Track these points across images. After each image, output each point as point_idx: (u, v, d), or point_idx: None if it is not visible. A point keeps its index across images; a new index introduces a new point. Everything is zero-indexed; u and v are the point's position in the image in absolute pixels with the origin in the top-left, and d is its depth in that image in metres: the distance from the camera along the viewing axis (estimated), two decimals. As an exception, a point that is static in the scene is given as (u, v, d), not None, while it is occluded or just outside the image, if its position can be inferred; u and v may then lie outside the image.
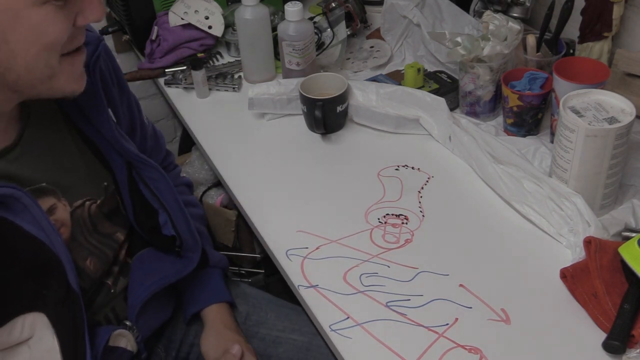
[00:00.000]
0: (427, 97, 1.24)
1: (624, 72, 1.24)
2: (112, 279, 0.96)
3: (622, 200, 1.06)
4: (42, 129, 0.86)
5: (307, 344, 1.08)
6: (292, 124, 1.33)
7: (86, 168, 0.92)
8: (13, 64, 0.72)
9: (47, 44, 0.72)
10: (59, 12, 0.71)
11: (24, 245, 0.76)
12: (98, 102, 0.90)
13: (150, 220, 0.99)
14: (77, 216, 0.89)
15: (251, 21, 1.37)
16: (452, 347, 0.87)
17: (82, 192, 0.90)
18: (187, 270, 1.03)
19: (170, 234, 1.00)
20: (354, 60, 1.51)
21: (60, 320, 0.79)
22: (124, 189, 0.96)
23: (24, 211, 0.76)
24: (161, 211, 0.99)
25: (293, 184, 1.18)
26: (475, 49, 1.20)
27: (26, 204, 0.76)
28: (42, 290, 0.77)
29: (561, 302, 0.92)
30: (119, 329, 0.92)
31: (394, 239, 1.05)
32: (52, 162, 0.86)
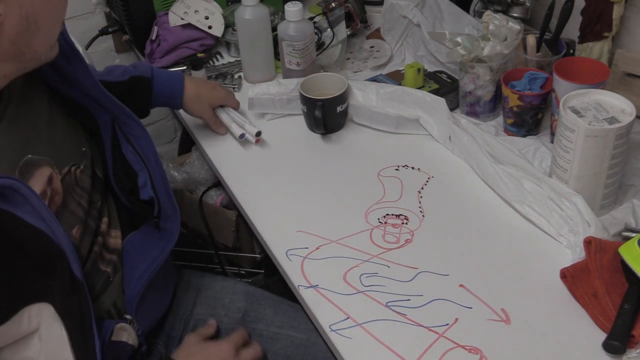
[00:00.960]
0: (427, 97, 1.24)
1: (624, 72, 1.24)
2: (111, 267, 0.96)
3: (622, 200, 1.06)
4: (20, 100, 0.86)
5: (305, 341, 1.08)
6: (292, 124, 1.33)
7: (65, 134, 0.92)
8: (38, 45, 0.76)
9: (60, 17, 0.77)
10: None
11: (27, 237, 0.76)
12: (75, 57, 0.92)
13: (129, 183, 0.99)
14: (66, 183, 0.89)
15: (251, 21, 1.37)
16: (452, 347, 0.87)
17: (66, 159, 0.90)
18: (168, 245, 1.01)
19: (148, 196, 0.99)
20: (354, 60, 1.51)
21: (67, 310, 0.79)
22: (107, 149, 0.96)
23: (24, 203, 0.76)
24: (141, 173, 0.99)
25: (293, 184, 1.18)
26: (475, 49, 1.20)
27: (25, 195, 0.76)
28: (47, 281, 0.77)
29: (561, 302, 0.92)
30: (120, 322, 0.93)
31: (394, 239, 1.05)
32: (33, 133, 0.86)
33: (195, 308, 1.13)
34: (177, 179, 1.53)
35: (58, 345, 0.78)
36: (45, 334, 0.77)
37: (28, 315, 0.75)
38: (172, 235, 1.02)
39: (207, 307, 1.13)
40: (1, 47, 0.75)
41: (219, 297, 1.15)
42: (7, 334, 0.74)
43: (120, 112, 0.95)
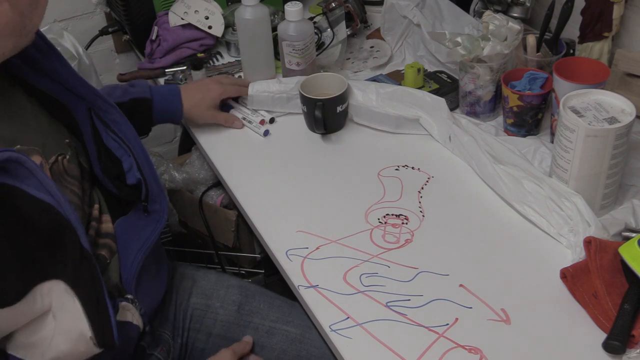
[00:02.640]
0: (427, 97, 1.24)
1: (624, 72, 1.24)
2: (107, 250, 0.96)
3: (622, 200, 1.06)
4: (1, 93, 0.86)
5: (300, 336, 1.09)
6: (292, 123, 1.33)
7: (48, 125, 0.92)
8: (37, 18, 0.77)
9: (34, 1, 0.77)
10: None
11: (35, 211, 0.75)
12: (49, 49, 0.91)
13: (115, 169, 0.99)
14: (55, 172, 0.89)
15: (251, 21, 1.37)
16: (452, 347, 0.87)
17: (53, 149, 0.90)
18: (158, 226, 1.01)
19: (136, 178, 0.98)
20: (354, 60, 1.51)
21: (80, 282, 0.79)
22: (88, 139, 0.96)
23: (29, 177, 0.75)
24: (125, 157, 0.98)
25: (293, 184, 1.18)
26: (475, 49, 1.20)
27: (30, 168, 0.75)
28: (57, 257, 0.77)
29: (561, 302, 0.92)
30: (123, 301, 0.93)
31: (394, 239, 1.05)
32: (20, 124, 0.86)
33: (191, 297, 1.14)
34: (177, 179, 1.53)
35: (73, 318, 0.78)
36: (58, 311, 0.77)
37: (40, 293, 0.75)
38: (161, 215, 1.02)
39: (203, 297, 1.14)
40: (11, 19, 0.76)
41: (214, 288, 1.16)
42: (21, 315, 0.74)
43: (98, 99, 0.95)
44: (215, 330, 1.12)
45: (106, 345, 0.81)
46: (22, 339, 0.77)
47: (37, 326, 0.77)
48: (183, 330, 1.11)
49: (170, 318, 1.10)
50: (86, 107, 0.95)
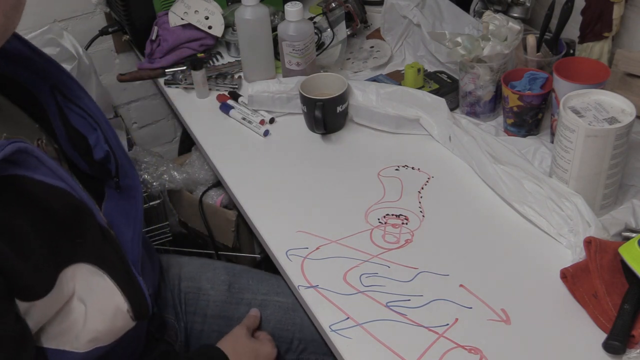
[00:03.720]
0: (427, 97, 1.24)
1: (624, 72, 1.23)
2: None
3: (622, 200, 1.05)
4: None
5: (292, 304, 1.12)
6: (292, 123, 1.33)
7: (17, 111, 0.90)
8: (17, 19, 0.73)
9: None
10: None
11: (52, 198, 0.75)
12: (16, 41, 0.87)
13: (82, 146, 0.96)
14: None
15: (251, 21, 1.37)
16: (452, 347, 0.87)
17: (30, 134, 0.88)
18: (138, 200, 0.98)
19: (104, 151, 0.96)
20: (354, 60, 1.51)
21: (106, 260, 0.79)
22: (54, 119, 0.93)
23: (39, 165, 0.75)
24: (90, 132, 0.96)
25: (293, 184, 1.18)
26: (476, 49, 1.20)
27: (39, 157, 0.75)
28: (76, 240, 0.77)
29: (561, 302, 0.92)
30: None
31: (394, 239, 1.05)
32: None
33: (181, 282, 1.16)
34: (177, 179, 1.53)
35: (106, 295, 0.79)
36: (86, 292, 0.77)
37: (65, 280, 0.75)
38: (136, 190, 0.99)
39: (192, 280, 1.17)
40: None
41: (201, 271, 1.18)
42: (52, 305, 0.75)
43: (61, 74, 0.92)
44: (209, 311, 1.15)
45: (143, 316, 0.83)
46: (51, 329, 0.77)
47: (64, 312, 0.77)
48: (182, 314, 1.13)
49: (170, 303, 1.13)
50: (49, 86, 0.91)
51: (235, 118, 1.35)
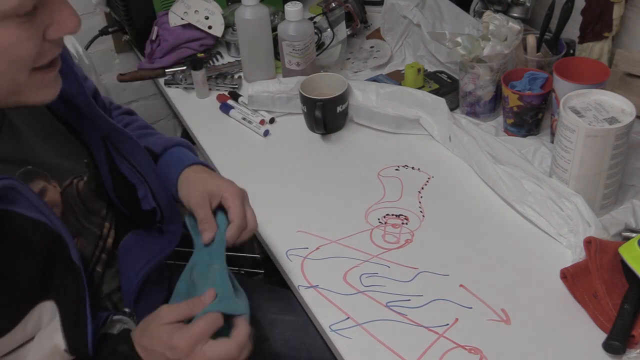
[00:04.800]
0: (427, 97, 1.24)
1: (624, 72, 1.23)
2: (101, 265, 0.96)
3: (622, 200, 1.05)
4: (21, 110, 0.84)
5: (302, 323, 1.09)
6: (292, 123, 1.33)
7: (68, 146, 0.91)
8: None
9: (11, 62, 0.67)
10: (23, 27, 0.66)
11: (29, 230, 0.75)
12: (71, 75, 0.87)
13: (130, 195, 0.98)
14: (67, 196, 0.89)
15: (251, 21, 1.37)
16: (452, 347, 0.87)
17: (68, 171, 0.89)
18: (171, 246, 1.01)
19: (150, 206, 0.97)
20: (354, 60, 1.51)
21: (63, 296, 0.78)
22: (102, 166, 0.95)
23: (21, 199, 0.75)
24: (140, 185, 0.97)
25: (293, 184, 1.18)
26: (476, 49, 1.20)
27: (21, 191, 0.75)
28: (48, 276, 0.77)
29: (561, 302, 0.92)
30: (118, 314, 0.92)
31: (394, 239, 1.05)
32: (35, 143, 0.85)
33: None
34: (177, 179, 1.53)
35: (49, 333, 0.77)
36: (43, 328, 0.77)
37: (32, 319, 0.75)
38: (175, 235, 1.02)
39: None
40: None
41: None
42: (10, 343, 0.73)
43: (113, 130, 0.93)
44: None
45: (80, 357, 0.80)
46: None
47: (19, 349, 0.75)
48: None
49: None
50: (101, 136, 0.93)
51: (235, 118, 1.35)
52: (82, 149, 0.94)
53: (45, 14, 0.68)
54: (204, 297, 0.84)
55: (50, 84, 0.75)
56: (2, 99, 0.72)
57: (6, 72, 0.68)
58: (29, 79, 0.71)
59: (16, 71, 0.69)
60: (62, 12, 0.69)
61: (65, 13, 0.69)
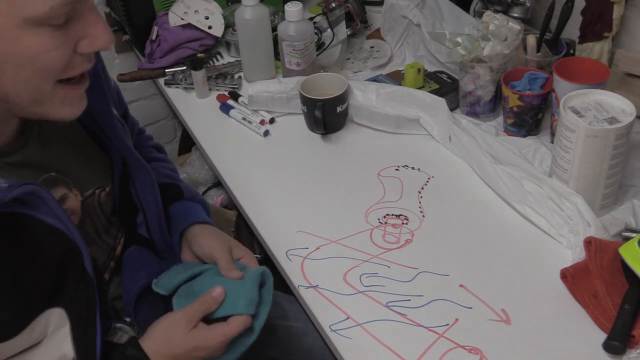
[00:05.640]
0: (427, 97, 1.24)
1: (624, 72, 1.23)
2: (109, 272, 0.96)
3: (622, 200, 1.05)
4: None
5: (302, 329, 1.09)
6: (292, 123, 1.33)
7: (94, 157, 0.92)
8: (9, 88, 0.68)
9: (38, 69, 0.67)
10: (56, 36, 0.66)
11: (45, 236, 0.75)
12: (100, 93, 0.88)
13: (130, 217, 0.99)
14: (87, 205, 0.89)
15: (251, 21, 1.37)
16: (452, 347, 0.87)
17: (92, 181, 0.90)
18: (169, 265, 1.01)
19: (143, 234, 0.99)
20: (354, 61, 1.51)
21: (74, 305, 0.78)
22: (116, 181, 0.96)
23: (42, 205, 0.75)
24: (140, 212, 0.99)
25: (293, 184, 1.18)
26: (476, 49, 1.20)
27: (42, 197, 0.75)
28: (60, 283, 0.77)
29: (561, 302, 0.92)
30: (120, 322, 0.92)
31: (394, 239, 1.05)
32: (61, 151, 0.86)
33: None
34: (177, 179, 1.53)
35: (58, 342, 0.77)
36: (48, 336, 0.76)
37: (39, 325, 0.74)
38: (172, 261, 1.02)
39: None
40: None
41: None
42: (14, 347, 0.73)
43: (129, 154, 0.94)
44: None
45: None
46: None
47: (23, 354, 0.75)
48: None
49: None
50: (120, 158, 0.94)
51: (235, 118, 1.35)
52: (107, 161, 0.94)
53: (78, 27, 0.68)
54: (215, 294, 0.88)
55: (74, 101, 0.74)
56: (25, 107, 0.72)
57: (32, 79, 0.68)
58: (53, 89, 0.71)
59: (41, 79, 0.69)
60: (95, 26, 0.69)
61: (99, 28, 0.69)
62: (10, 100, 0.70)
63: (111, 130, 0.91)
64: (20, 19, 0.64)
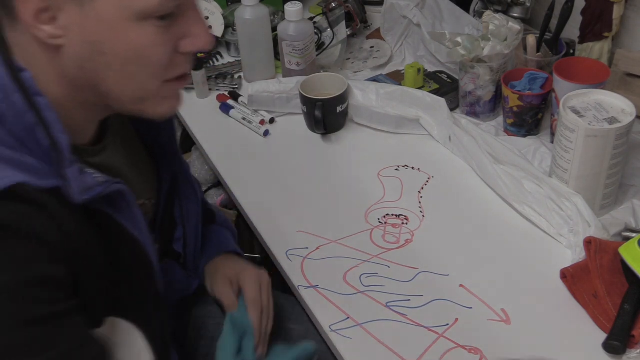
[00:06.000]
0: (427, 97, 1.24)
1: (624, 72, 1.23)
2: None
3: (622, 200, 1.05)
4: (117, 124, 0.85)
5: (304, 332, 1.08)
6: (292, 123, 1.33)
7: (147, 169, 0.92)
8: (106, 77, 0.68)
9: (143, 65, 0.68)
10: (160, 32, 0.66)
11: (125, 245, 0.75)
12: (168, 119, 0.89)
13: (169, 232, 0.99)
14: None
15: (251, 21, 1.37)
16: (452, 347, 0.87)
17: (144, 192, 0.90)
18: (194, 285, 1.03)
19: (178, 250, 1.00)
20: (354, 61, 1.51)
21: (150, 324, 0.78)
22: (162, 195, 0.96)
23: (126, 209, 0.74)
24: (180, 228, 0.99)
25: (293, 184, 1.18)
26: (476, 49, 1.20)
27: (129, 201, 0.75)
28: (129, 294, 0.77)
29: (561, 302, 0.92)
30: None
31: (394, 239, 1.05)
32: (125, 159, 0.86)
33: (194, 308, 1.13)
34: (177, 179, 1.53)
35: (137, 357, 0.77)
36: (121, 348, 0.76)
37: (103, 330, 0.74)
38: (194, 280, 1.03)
39: (204, 303, 1.13)
40: (70, 70, 0.68)
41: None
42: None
43: (181, 171, 0.94)
44: (218, 334, 1.11)
45: None
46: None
47: None
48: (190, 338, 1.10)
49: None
50: (171, 170, 0.94)
51: (235, 118, 1.35)
52: (155, 174, 0.94)
53: (180, 25, 0.68)
54: None
55: (173, 98, 0.75)
56: (126, 104, 0.72)
57: (136, 76, 0.69)
58: (159, 88, 0.71)
59: (147, 77, 0.69)
60: (197, 26, 0.69)
61: (200, 28, 0.70)
62: (113, 96, 0.71)
63: (172, 146, 0.91)
64: (131, 11, 0.64)
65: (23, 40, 0.66)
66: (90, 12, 0.64)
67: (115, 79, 0.69)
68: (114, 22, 0.65)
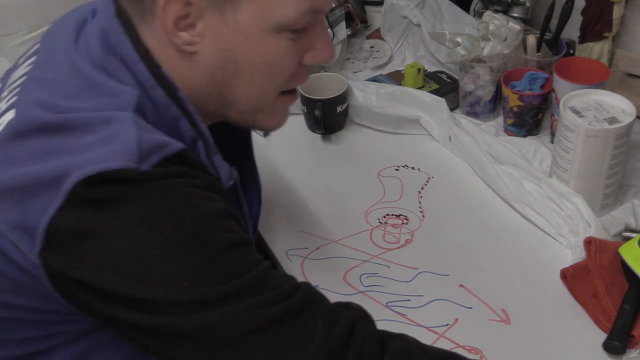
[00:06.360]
0: (427, 97, 1.24)
1: (624, 72, 1.23)
2: None
3: (622, 200, 1.05)
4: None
5: None
6: (292, 123, 1.32)
7: None
8: (233, 85, 0.69)
9: (270, 75, 0.69)
10: (291, 44, 0.68)
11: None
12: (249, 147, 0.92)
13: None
14: None
15: (251, 21, 1.37)
16: (453, 347, 0.87)
17: None
18: None
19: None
20: (354, 60, 1.51)
21: None
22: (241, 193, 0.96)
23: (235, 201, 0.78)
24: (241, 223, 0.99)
25: (293, 184, 1.18)
26: (476, 49, 1.20)
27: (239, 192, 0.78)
28: None
29: (561, 302, 0.92)
30: None
31: (394, 239, 1.05)
32: None
33: None
34: (177, 179, 1.53)
35: None
36: None
37: None
38: None
39: None
40: (201, 75, 0.69)
41: None
42: None
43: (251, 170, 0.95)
44: None
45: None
46: None
47: None
48: None
49: None
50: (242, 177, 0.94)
51: (235, 118, 1.35)
52: None
53: (307, 38, 0.70)
54: None
55: (284, 112, 0.77)
56: (245, 113, 0.73)
57: (263, 85, 0.70)
58: (276, 99, 0.73)
59: (271, 86, 0.71)
60: (322, 40, 0.71)
61: (325, 42, 0.71)
62: (236, 105, 0.72)
63: (247, 144, 0.93)
64: (270, 23, 0.65)
65: (157, 45, 0.67)
66: (231, 21, 0.65)
67: (243, 87, 0.70)
68: (252, 32, 0.66)
